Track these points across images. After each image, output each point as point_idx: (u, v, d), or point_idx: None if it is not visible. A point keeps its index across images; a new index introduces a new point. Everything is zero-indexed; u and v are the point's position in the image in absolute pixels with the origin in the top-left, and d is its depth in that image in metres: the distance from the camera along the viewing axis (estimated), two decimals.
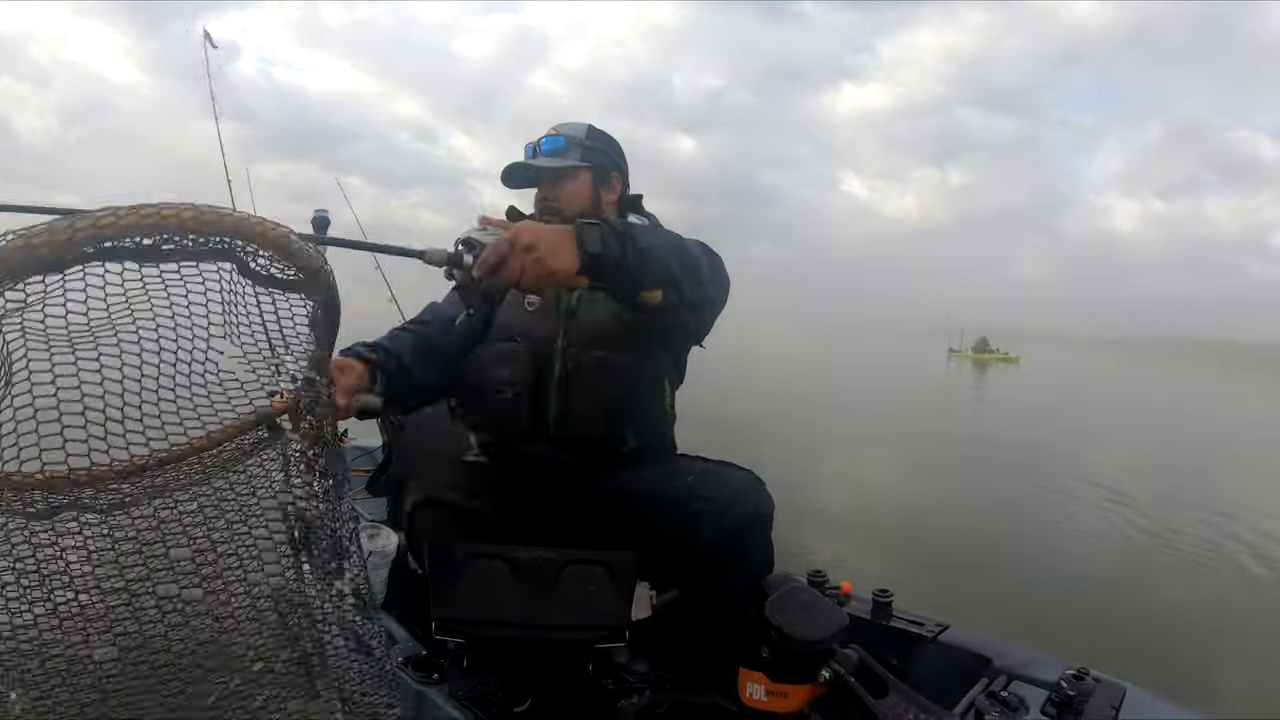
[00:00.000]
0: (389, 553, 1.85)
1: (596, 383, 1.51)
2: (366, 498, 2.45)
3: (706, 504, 1.45)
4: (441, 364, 1.52)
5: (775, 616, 1.37)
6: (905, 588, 1.81)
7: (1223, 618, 3.60)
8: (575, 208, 1.59)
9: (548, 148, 1.63)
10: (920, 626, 1.70)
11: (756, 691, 1.40)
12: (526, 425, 1.51)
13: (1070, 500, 5.99)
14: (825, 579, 1.83)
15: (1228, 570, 4.36)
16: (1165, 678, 2.41)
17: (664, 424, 1.63)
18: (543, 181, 1.65)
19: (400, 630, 1.75)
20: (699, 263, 1.31)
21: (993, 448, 8.01)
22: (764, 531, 1.51)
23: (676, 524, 1.46)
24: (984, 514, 5.17)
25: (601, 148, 1.67)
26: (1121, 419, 12.23)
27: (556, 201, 1.62)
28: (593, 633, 1.37)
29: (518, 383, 1.50)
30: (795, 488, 5.16)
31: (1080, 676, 1.39)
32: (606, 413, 1.51)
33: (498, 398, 1.51)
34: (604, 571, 1.37)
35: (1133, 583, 4.15)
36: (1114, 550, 4.75)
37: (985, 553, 4.26)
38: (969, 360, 29.15)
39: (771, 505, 1.51)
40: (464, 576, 1.33)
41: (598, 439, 1.53)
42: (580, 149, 1.64)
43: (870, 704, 1.30)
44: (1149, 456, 8.16)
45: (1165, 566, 4.40)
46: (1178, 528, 4.97)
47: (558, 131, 1.65)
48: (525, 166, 1.64)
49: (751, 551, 1.49)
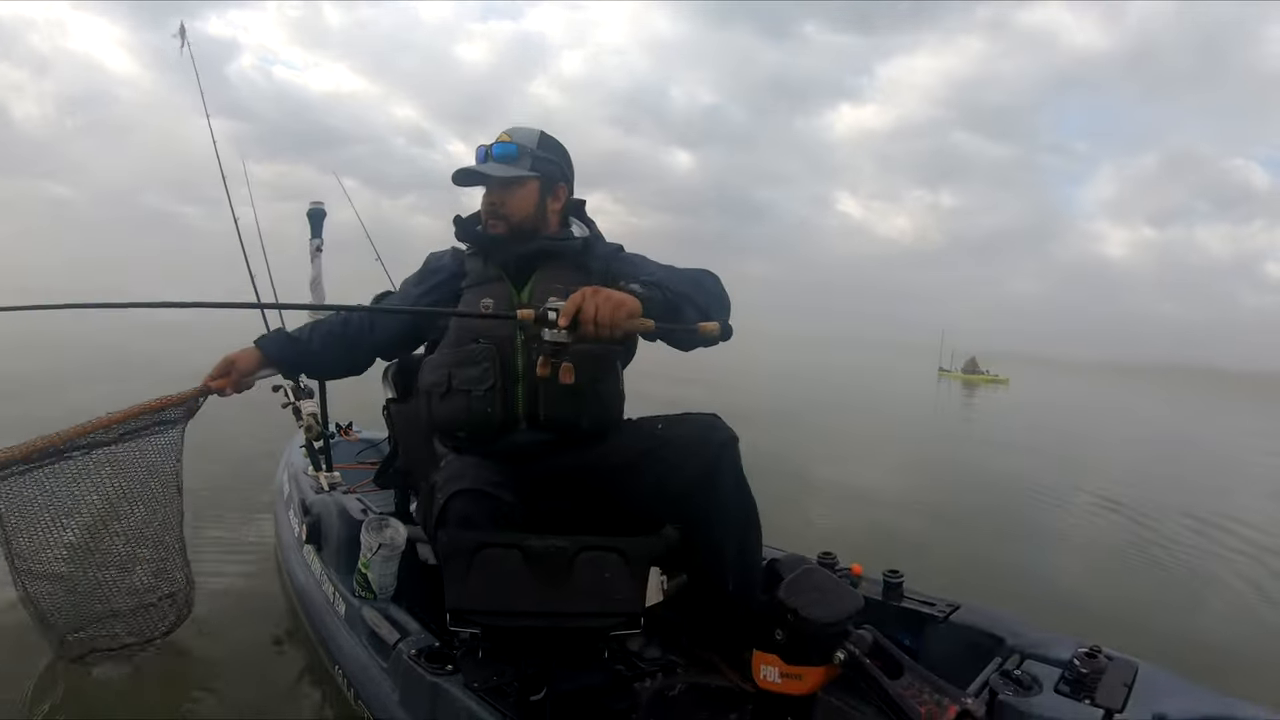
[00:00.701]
0: (398, 545, 1.85)
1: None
2: (374, 490, 2.45)
3: (681, 442, 1.58)
4: (347, 347, 1.85)
5: (790, 599, 1.36)
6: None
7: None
8: (521, 214, 1.73)
9: (499, 153, 1.72)
10: (932, 607, 1.70)
11: (771, 674, 1.40)
12: (500, 416, 1.64)
13: (1059, 506, 6.06)
14: (835, 560, 1.83)
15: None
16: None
17: (619, 399, 1.77)
18: (492, 187, 1.74)
19: (413, 622, 1.75)
20: (719, 287, 1.58)
21: (975, 469, 8.13)
22: (734, 456, 1.59)
23: (662, 467, 1.57)
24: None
25: (551, 158, 1.76)
26: (1105, 441, 12.52)
27: (504, 207, 1.73)
28: (608, 620, 1.36)
29: (487, 379, 1.64)
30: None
31: (1093, 654, 1.39)
32: (570, 395, 1.58)
33: (470, 395, 1.65)
34: (618, 558, 1.37)
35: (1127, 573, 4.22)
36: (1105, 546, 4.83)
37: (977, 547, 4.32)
38: (959, 380, 29.37)
39: (734, 434, 1.60)
40: (476, 567, 1.33)
41: (566, 419, 1.65)
42: (531, 158, 1.73)
43: (886, 685, 1.30)
44: (1130, 476, 8.30)
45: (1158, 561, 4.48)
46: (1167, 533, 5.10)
47: (510, 137, 1.74)
48: (472, 171, 1.72)
49: (728, 474, 1.57)
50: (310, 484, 2.54)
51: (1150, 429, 16.08)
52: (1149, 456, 10.77)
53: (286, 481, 2.81)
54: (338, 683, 1.91)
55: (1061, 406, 22.02)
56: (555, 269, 1.72)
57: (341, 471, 2.66)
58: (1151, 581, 4.13)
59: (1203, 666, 2.66)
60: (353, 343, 1.86)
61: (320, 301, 2.74)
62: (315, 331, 1.88)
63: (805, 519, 4.68)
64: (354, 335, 1.86)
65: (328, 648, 1.99)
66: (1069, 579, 3.98)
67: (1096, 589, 3.82)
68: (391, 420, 2.06)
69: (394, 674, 1.63)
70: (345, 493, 2.38)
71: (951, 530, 4.86)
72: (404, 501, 2.17)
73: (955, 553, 4.23)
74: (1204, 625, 3.48)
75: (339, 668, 1.89)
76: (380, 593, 1.88)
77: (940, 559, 4.00)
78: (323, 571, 2.15)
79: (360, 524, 1.91)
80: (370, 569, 1.86)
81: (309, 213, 2.70)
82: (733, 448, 1.60)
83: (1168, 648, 2.84)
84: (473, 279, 1.77)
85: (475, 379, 1.65)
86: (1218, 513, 5.92)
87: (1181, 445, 13.14)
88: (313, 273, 2.74)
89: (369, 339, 1.86)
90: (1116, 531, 5.22)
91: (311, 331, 1.88)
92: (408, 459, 2.04)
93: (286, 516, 2.68)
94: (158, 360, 8.30)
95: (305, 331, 1.89)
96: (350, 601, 1.91)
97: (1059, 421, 16.54)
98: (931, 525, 4.95)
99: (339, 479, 2.54)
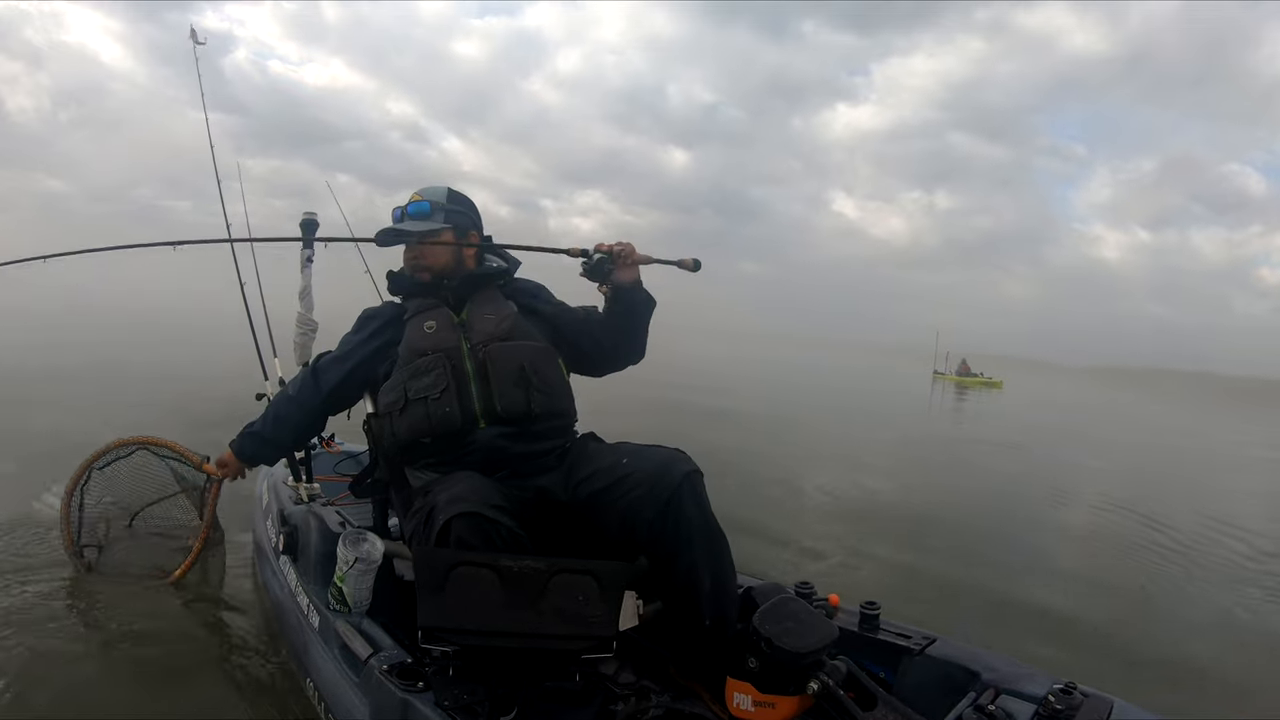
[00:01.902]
0: (374, 560, 1.83)
1: (502, 365, 1.80)
2: (352, 502, 2.43)
3: (643, 475, 1.61)
4: (304, 413, 2.04)
5: (764, 627, 1.36)
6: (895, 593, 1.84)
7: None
8: (441, 262, 1.94)
9: (414, 211, 1.95)
10: (908, 639, 1.69)
11: (744, 702, 1.40)
12: (459, 415, 1.76)
13: (1056, 507, 6.09)
14: (813, 590, 1.83)
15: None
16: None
17: (566, 388, 1.92)
18: (411, 243, 1.95)
19: (386, 638, 1.73)
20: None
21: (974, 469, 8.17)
22: (696, 489, 1.63)
23: (626, 501, 1.61)
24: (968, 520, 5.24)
25: (461, 209, 1.99)
26: (1097, 443, 12.62)
27: (424, 259, 1.95)
28: (580, 642, 1.36)
29: (441, 382, 1.77)
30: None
31: (1068, 690, 1.39)
32: (518, 384, 1.78)
33: (428, 401, 1.77)
34: (591, 581, 1.36)
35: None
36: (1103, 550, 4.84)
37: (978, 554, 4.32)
38: (953, 382, 29.53)
39: (697, 468, 1.65)
40: (451, 585, 1.32)
41: (518, 406, 1.78)
42: (443, 212, 1.96)
43: (859, 716, 1.29)
44: (1125, 478, 8.37)
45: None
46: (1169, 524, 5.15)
47: (422, 197, 1.97)
48: (396, 230, 1.95)
49: (691, 507, 1.60)
50: (289, 494, 2.52)
51: (1148, 434, 16.06)
52: (1148, 463, 10.74)
53: (265, 491, 2.79)
54: (309, 695, 1.88)
55: (1061, 406, 22.06)
56: (483, 295, 1.94)
57: (321, 483, 2.64)
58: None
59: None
60: (306, 407, 2.04)
61: (309, 312, 2.74)
62: (268, 421, 2.10)
63: (796, 527, 4.68)
64: (307, 398, 2.02)
65: (300, 660, 1.97)
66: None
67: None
68: (372, 434, 2.05)
69: (365, 689, 1.61)
70: (324, 505, 2.36)
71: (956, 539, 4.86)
72: (381, 516, 2.15)
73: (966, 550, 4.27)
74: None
75: (310, 680, 1.86)
76: (355, 607, 1.86)
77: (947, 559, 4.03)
78: (298, 583, 2.13)
79: (338, 537, 1.90)
80: (346, 582, 1.84)
81: (301, 224, 2.70)
82: (695, 480, 1.62)
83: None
84: (414, 310, 1.94)
85: (429, 385, 1.78)
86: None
87: (1180, 452, 13.06)
88: (302, 282, 2.73)
89: (317, 399, 2.01)
90: (1124, 537, 5.22)
91: (273, 424, 2.10)
92: (387, 472, 2.03)
93: (264, 526, 2.65)
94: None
95: (266, 424, 2.11)
96: (324, 614, 1.89)
97: (1059, 421, 16.61)
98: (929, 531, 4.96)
99: (318, 490, 2.53)
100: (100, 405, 6.63)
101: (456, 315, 1.90)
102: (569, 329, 1.98)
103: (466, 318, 1.89)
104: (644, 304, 1.93)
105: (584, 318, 1.99)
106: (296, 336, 2.72)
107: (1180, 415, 24.17)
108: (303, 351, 2.71)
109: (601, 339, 1.96)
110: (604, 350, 1.98)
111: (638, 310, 1.93)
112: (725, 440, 7.65)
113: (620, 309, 1.91)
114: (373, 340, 1.96)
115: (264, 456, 2.19)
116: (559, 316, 2.00)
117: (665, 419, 9.06)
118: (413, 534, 1.67)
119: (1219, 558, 4.78)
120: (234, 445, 2.13)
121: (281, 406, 2.08)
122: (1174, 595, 4.02)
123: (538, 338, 1.91)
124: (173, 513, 2.67)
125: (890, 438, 10.61)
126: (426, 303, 1.93)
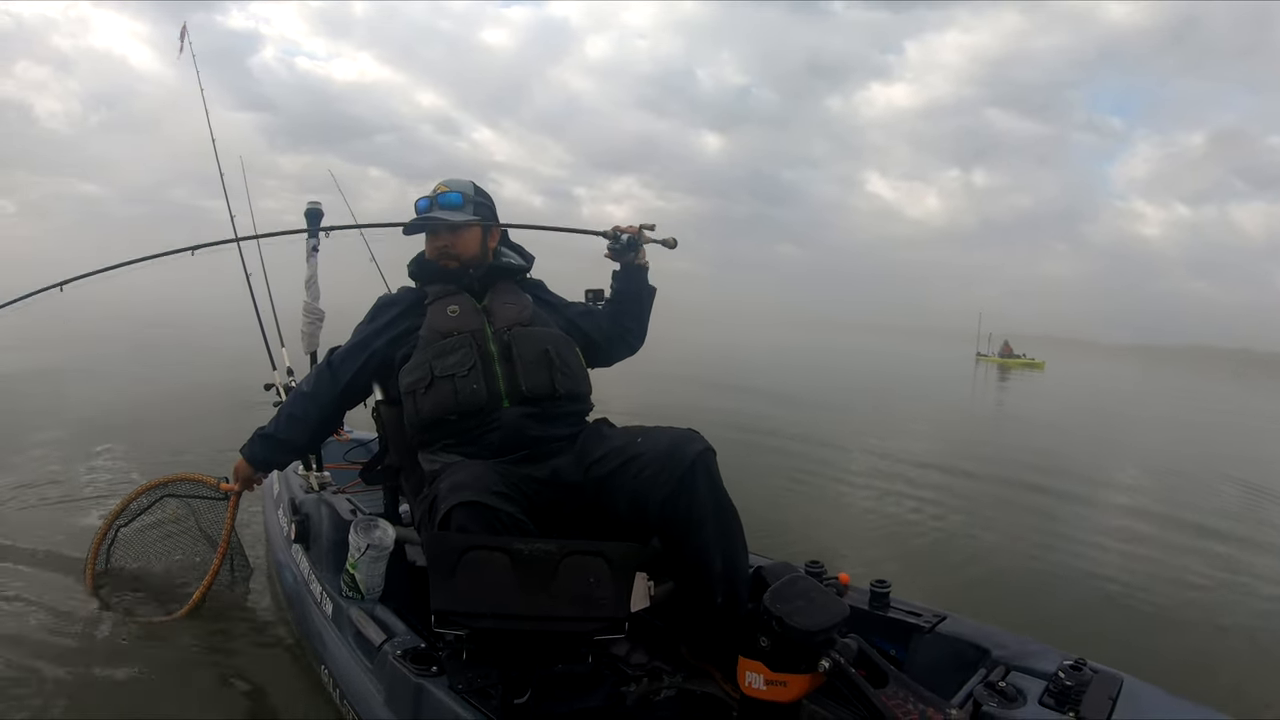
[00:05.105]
0: (386, 546, 1.85)
1: (526, 347, 1.85)
2: (363, 490, 2.44)
3: (654, 455, 1.62)
4: (318, 408, 2.02)
5: (776, 606, 1.36)
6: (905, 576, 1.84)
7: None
8: (470, 252, 2.02)
9: (445, 202, 2.01)
10: (918, 617, 1.70)
11: (756, 680, 1.40)
12: (485, 393, 1.79)
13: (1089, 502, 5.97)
14: (823, 569, 1.83)
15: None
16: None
17: (584, 372, 1.96)
18: (442, 232, 2.00)
19: (399, 624, 1.75)
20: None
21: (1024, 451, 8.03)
22: (709, 468, 1.63)
23: (638, 480, 1.62)
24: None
25: (486, 202, 2.09)
26: (1138, 424, 12.55)
27: (454, 248, 2.01)
28: (592, 623, 1.36)
29: (469, 360, 1.82)
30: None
31: (1078, 667, 1.39)
32: (540, 365, 1.84)
33: (455, 378, 1.80)
34: (603, 563, 1.37)
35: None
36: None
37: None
38: (996, 364, 29.30)
39: (710, 447, 1.66)
40: (463, 569, 1.33)
41: (543, 388, 1.83)
42: (472, 204, 2.04)
43: (870, 694, 1.30)
44: (1166, 458, 8.31)
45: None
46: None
47: (450, 188, 2.03)
48: (429, 218, 2.00)
49: (704, 487, 1.60)
50: (300, 483, 2.53)
51: (1203, 415, 15.94)
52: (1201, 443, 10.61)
53: (276, 480, 2.80)
54: (323, 682, 1.90)
55: (1103, 391, 21.87)
56: (503, 285, 2.02)
57: (331, 471, 2.65)
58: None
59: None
60: (322, 401, 2.02)
61: (315, 300, 2.73)
62: (281, 421, 2.06)
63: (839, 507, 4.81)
64: (323, 390, 2.02)
65: (314, 647, 1.99)
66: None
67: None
68: (381, 421, 2.06)
69: (379, 674, 1.62)
70: (335, 493, 2.38)
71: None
72: (392, 503, 2.16)
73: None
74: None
75: (325, 667, 1.88)
76: (367, 593, 1.87)
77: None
78: (310, 571, 2.14)
79: (349, 524, 1.91)
80: (358, 569, 1.86)
81: (306, 212, 2.69)
82: (708, 459, 1.63)
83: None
84: (436, 295, 1.98)
85: (457, 363, 1.81)
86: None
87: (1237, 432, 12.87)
88: (308, 271, 2.73)
89: (335, 390, 2.01)
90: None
91: (287, 423, 2.06)
92: (398, 458, 2.04)
93: (275, 515, 2.67)
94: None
95: (279, 425, 2.06)
96: (337, 601, 1.91)
97: (1105, 405, 16.59)
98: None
99: (329, 478, 2.54)
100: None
101: (478, 302, 1.96)
102: (579, 319, 2.10)
103: (488, 304, 1.96)
104: (648, 288, 2.15)
105: (588, 309, 2.15)
106: (304, 325, 2.72)
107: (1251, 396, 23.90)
108: (310, 340, 2.71)
109: (608, 326, 2.12)
110: (610, 337, 2.12)
111: (644, 292, 2.14)
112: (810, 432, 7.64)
113: (632, 289, 2.12)
114: (390, 328, 1.98)
115: (277, 460, 2.19)
116: (568, 308, 2.13)
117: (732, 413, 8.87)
118: (420, 521, 1.69)
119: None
120: (245, 451, 2.12)
121: (296, 405, 2.05)
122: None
123: (555, 327, 1.98)
124: (194, 559, 2.69)
125: (965, 436, 10.01)
126: (448, 289, 1.99)
